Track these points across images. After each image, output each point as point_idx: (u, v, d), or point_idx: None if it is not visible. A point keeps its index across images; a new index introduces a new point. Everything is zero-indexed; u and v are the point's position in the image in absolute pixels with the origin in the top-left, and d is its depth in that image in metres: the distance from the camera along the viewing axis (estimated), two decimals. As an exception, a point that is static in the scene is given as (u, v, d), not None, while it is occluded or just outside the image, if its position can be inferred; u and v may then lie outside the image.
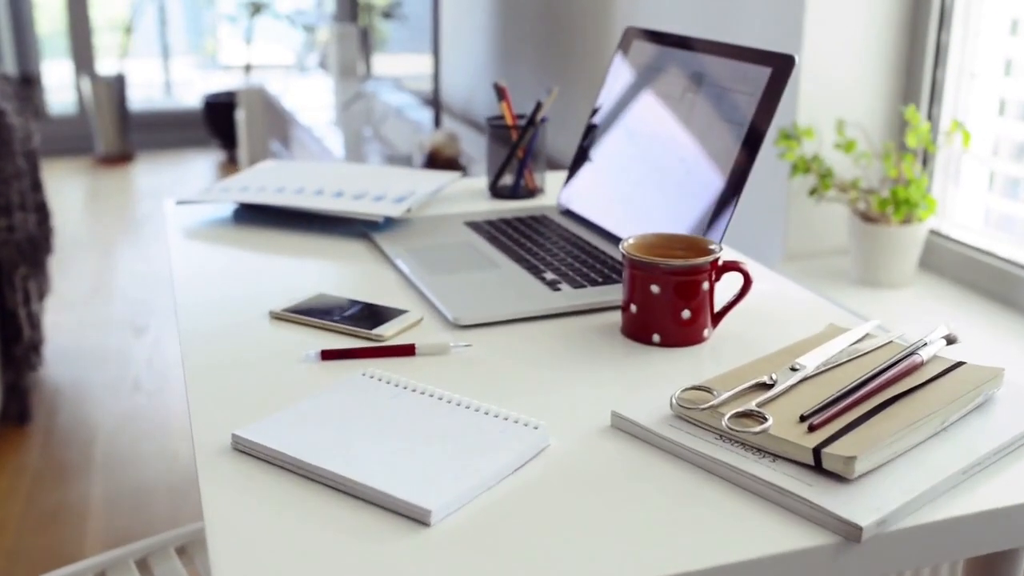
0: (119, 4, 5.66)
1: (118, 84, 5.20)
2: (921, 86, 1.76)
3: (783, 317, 1.04)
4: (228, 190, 1.37)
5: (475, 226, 1.29)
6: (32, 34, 5.43)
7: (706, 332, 0.96)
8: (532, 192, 1.46)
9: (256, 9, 5.28)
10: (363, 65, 4.40)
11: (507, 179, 1.45)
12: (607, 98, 1.31)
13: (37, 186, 2.75)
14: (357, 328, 0.96)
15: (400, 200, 1.30)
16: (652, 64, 1.24)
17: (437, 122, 3.09)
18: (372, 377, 0.85)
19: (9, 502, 2.21)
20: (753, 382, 0.79)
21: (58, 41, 5.53)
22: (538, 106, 1.42)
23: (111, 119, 5.22)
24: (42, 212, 2.77)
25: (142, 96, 5.82)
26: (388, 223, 1.30)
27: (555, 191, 1.49)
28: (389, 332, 0.95)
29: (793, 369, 0.81)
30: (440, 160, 2.79)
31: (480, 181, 1.56)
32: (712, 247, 0.95)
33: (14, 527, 2.12)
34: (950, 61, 1.71)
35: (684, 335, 0.94)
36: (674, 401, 0.77)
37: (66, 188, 4.87)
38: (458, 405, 0.80)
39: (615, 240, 1.21)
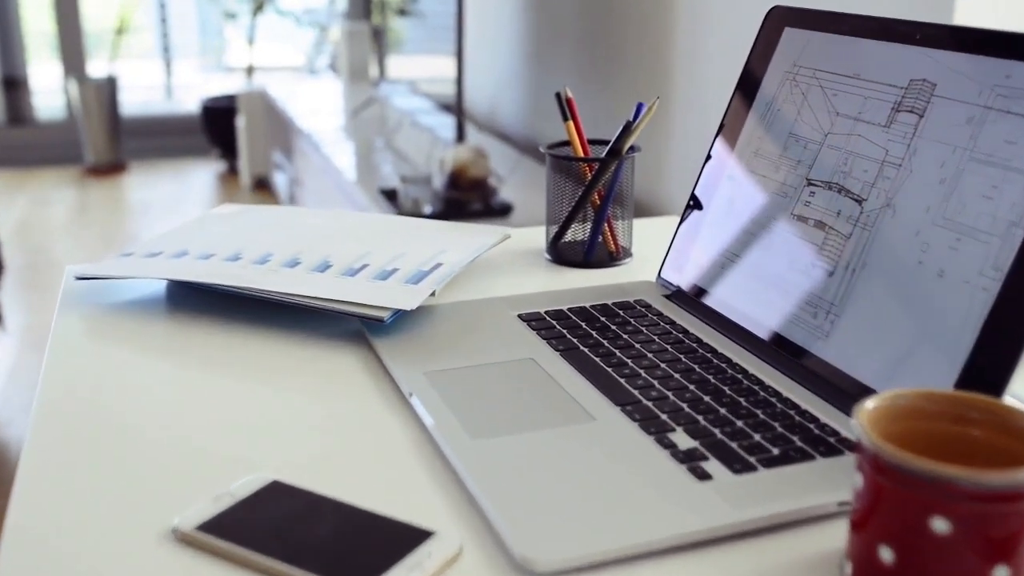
0: (119, 3, 5.19)
1: (109, 87, 4.73)
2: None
3: None
4: (155, 257, 0.90)
5: (535, 322, 0.81)
6: (18, 33, 4.98)
7: (1028, 599, 0.48)
8: (614, 256, 0.98)
9: (259, 6, 4.82)
10: (375, 67, 3.95)
11: (576, 231, 0.98)
12: (740, 117, 0.84)
13: (-18, 211, 2.28)
14: (332, 585, 0.49)
15: (418, 278, 0.83)
16: (825, 65, 0.77)
17: (460, 134, 2.62)
18: None
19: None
20: None
21: (48, 41, 5.08)
22: (626, 128, 0.94)
23: (101, 125, 4.76)
24: (-14, 243, 2.30)
25: (139, 100, 5.36)
26: (398, 315, 0.82)
27: (648, 255, 1.01)
28: (395, 598, 0.48)
29: None
30: (465, 180, 2.32)
31: (533, 234, 1.08)
32: (1049, 434, 0.48)
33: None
34: None
35: (991, 612, 0.47)
36: None
37: (50, 201, 4.41)
38: None
39: (767, 351, 0.73)
